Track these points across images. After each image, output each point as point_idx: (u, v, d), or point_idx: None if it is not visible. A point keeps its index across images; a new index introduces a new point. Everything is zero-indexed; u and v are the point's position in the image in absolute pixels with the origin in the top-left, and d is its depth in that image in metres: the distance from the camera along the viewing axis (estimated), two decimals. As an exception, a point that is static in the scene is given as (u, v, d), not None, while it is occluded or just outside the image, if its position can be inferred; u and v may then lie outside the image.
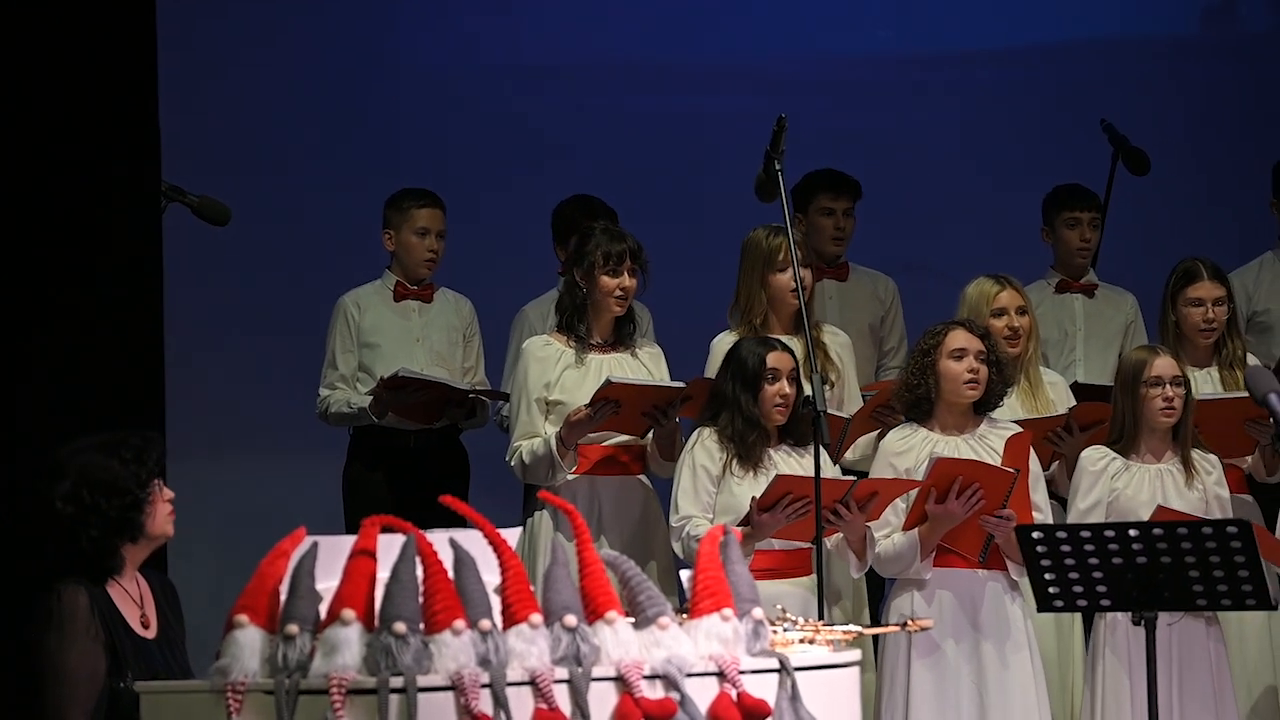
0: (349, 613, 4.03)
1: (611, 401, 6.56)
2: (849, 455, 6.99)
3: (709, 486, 6.44)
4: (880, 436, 6.87)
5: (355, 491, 7.57)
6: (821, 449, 6.13)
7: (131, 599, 4.84)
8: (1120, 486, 6.44)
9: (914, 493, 6.29)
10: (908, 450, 6.44)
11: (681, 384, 6.72)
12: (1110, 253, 7.96)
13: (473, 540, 4.21)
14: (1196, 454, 6.50)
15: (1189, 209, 8.79)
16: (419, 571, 4.10)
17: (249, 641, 4.06)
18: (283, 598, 4.10)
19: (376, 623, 4.06)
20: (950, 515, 6.25)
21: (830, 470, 6.37)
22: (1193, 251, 7.11)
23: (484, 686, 4.03)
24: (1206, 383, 6.92)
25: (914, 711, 6.34)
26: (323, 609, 4.10)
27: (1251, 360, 6.99)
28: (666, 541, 6.71)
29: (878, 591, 6.96)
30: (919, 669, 6.34)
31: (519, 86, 9.11)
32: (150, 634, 4.82)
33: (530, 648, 4.10)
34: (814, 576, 6.23)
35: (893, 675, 6.41)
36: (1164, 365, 6.44)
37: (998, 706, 6.32)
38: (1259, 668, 6.71)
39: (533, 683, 4.07)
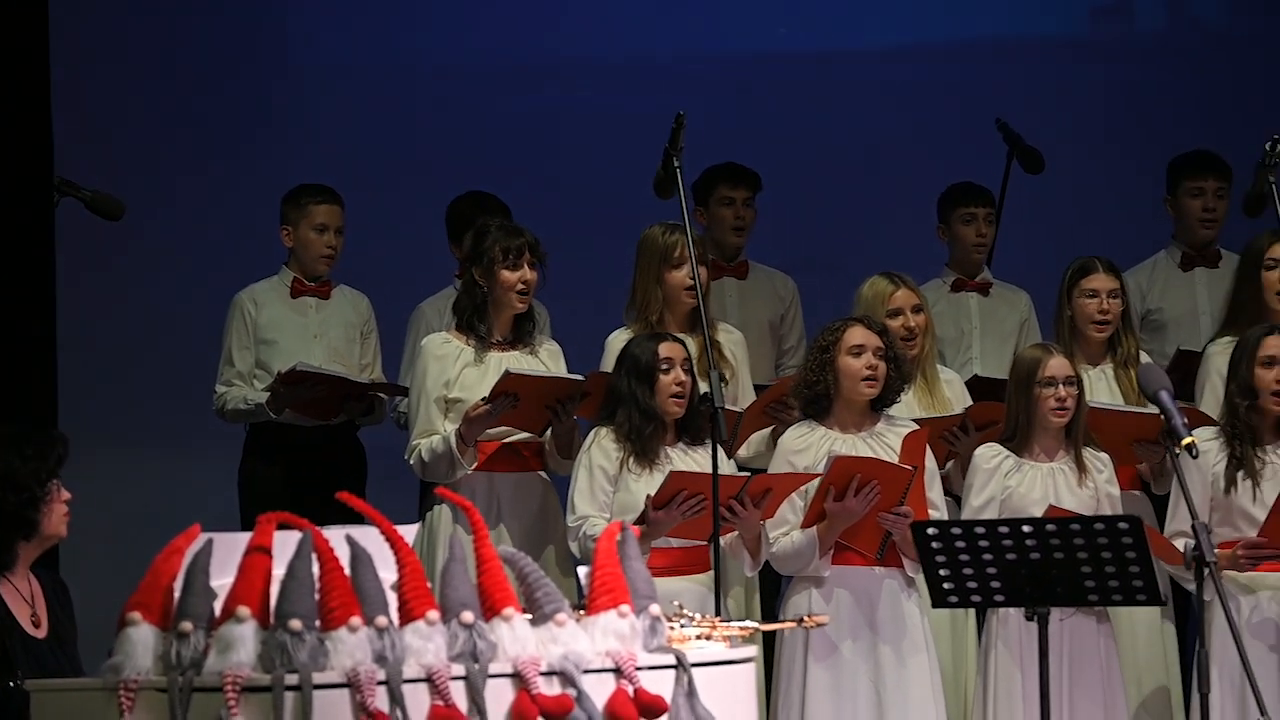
0: (244, 610, 4.01)
1: (510, 395, 6.55)
2: (743, 453, 7.01)
3: (606, 486, 6.44)
4: (774, 434, 6.89)
5: (251, 488, 7.53)
6: (718, 446, 6.15)
7: (22, 598, 4.79)
8: (1013, 484, 6.49)
9: (812, 491, 6.32)
10: (806, 448, 6.47)
11: (580, 377, 6.72)
12: (1004, 251, 8.02)
13: (370, 537, 4.19)
14: (1088, 452, 6.56)
15: (1083, 208, 8.86)
16: (315, 568, 4.08)
17: (142, 639, 4.03)
18: (177, 595, 4.07)
19: (272, 620, 4.04)
20: (848, 513, 6.28)
21: (726, 467, 6.39)
22: (1087, 250, 7.17)
23: (380, 684, 4.02)
24: (1100, 380, 6.99)
25: (810, 708, 6.36)
26: (217, 606, 4.07)
27: (1144, 358, 7.06)
28: (564, 535, 6.71)
29: (774, 589, 6.99)
30: (816, 666, 6.37)
31: (416, 83, 9.08)
32: (41, 633, 4.78)
33: (427, 644, 4.09)
34: (711, 573, 6.25)
35: (789, 672, 6.44)
36: (1057, 365, 6.49)
37: (895, 704, 6.35)
38: (1149, 662, 6.78)
39: (429, 680, 4.07)
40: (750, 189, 7.87)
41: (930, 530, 5.29)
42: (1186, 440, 5.26)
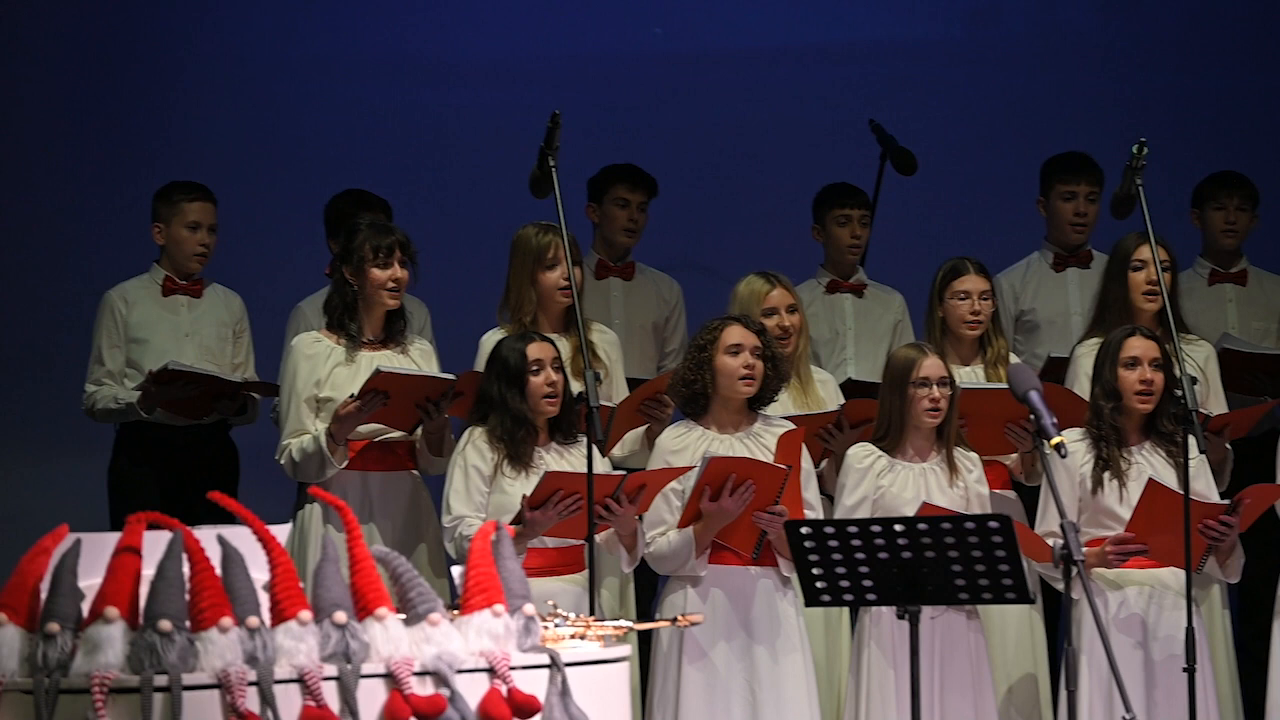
0: (112, 610, 3.98)
1: (380, 393, 6.53)
2: (617, 452, 7.02)
3: (481, 486, 6.43)
4: (649, 433, 6.90)
5: (121, 488, 7.46)
6: (593, 445, 6.15)
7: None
8: (885, 484, 6.54)
9: (689, 491, 6.33)
10: (683, 448, 6.48)
11: (451, 376, 6.70)
12: (878, 252, 8.08)
13: (242, 537, 4.17)
14: (959, 452, 6.61)
15: (956, 209, 8.94)
16: (186, 568, 4.05)
17: (8, 640, 3.99)
18: (43, 596, 4.03)
19: (141, 620, 4.00)
20: (724, 512, 6.30)
21: (601, 466, 6.39)
22: (960, 251, 7.24)
23: (251, 684, 4.00)
24: (971, 380, 7.04)
25: (684, 707, 6.38)
26: (85, 607, 4.03)
27: (1014, 358, 7.13)
28: (436, 533, 6.70)
29: (650, 588, 7.00)
30: (690, 665, 6.39)
31: (293, 79, 9.02)
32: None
33: (299, 645, 4.08)
34: (586, 573, 6.25)
35: (664, 671, 6.45)
36: (931, 366, 6.54)
37: (769, 702, 6.38)
38: (1018, 659, 6.85)
39: (301, 680, 4.05)
40: (647, 193, 7.91)
41: (804, 529, 5.31)
42: (1055, 440, 5.31)
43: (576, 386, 6.49)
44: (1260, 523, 6.52)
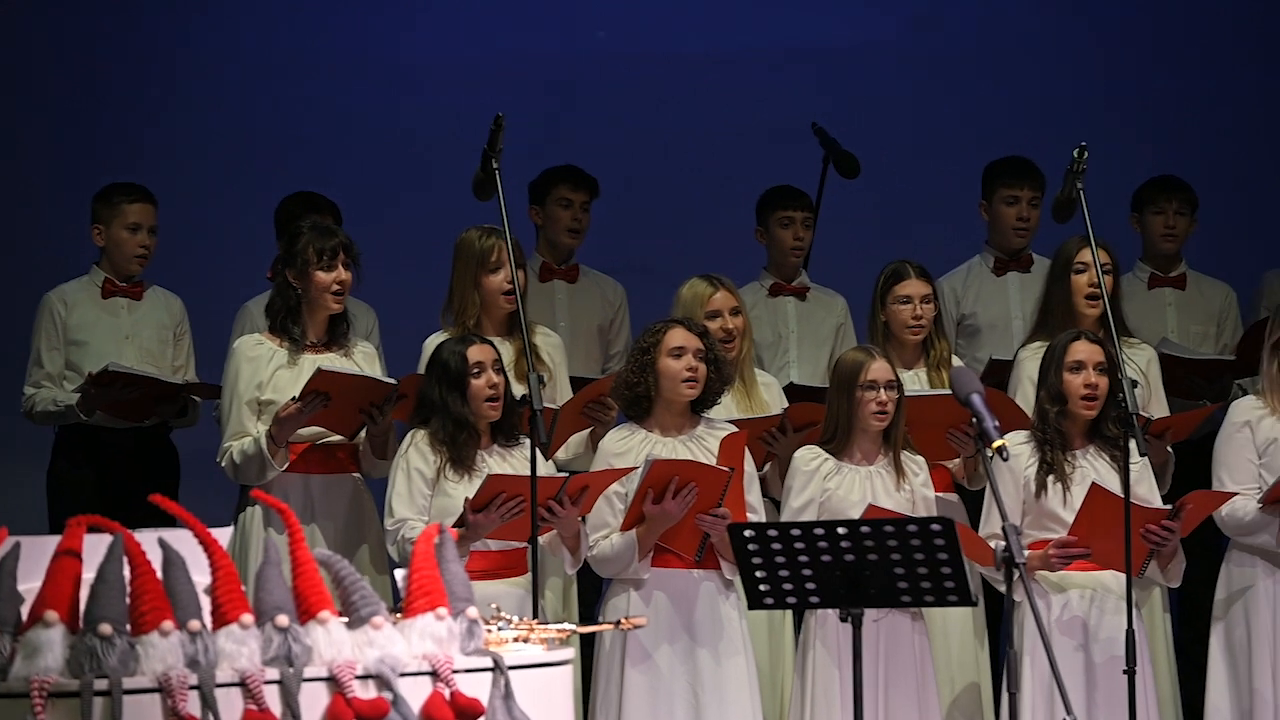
0: (51, 614, 3.95)
1: (321, 394, 6.51)
2: (561, 455, 7.02)
3: (424, 489, 6.41)
4: (593, 435, 6.90)
5: (60, 491, 7.42)
6: (536, 447, 6.15)
7: None
8: (832, 486, 6.55)
9: (632, 493, 6.33)
10: (626, 451, 6.49)
11: (393, 380, 6.69)
12: (820, 255, 8.09)
13: (183, 540, 4.15)
14: (905, 455, 6.63)
15: (899, 212, 8.96)
16: (126, 572, 4.03)
17: (-53, 644, 3.95)
18: (-18, 600, 4.00)
19: (81, 624, 3.98)
20: (667, 515, 6.30)
21: (544, 468, 6.39)
22: (902, 254, 7.25)
23: (192, 688, 3.98)
24: (914, 383, 7.06)
25: (627, 710, 6.38)
26: (25, 611, 4.00)
27: (956, 361, 7.16)
28: (379, 535, 6.68)
29: (594, 590, 7.00)
30: (633, 668, 6.39)
31: (237, 78, 8.99)
32: None
33: (241, 648, 4.06)
34: (529, 575, 6.25)
35: (607, 674, 6.46)
36: (879, 369, 6.56)
37: (712, 705, 6.39)
38: (961, 661, 6.87)
39: (243, 684, 4.03)
40: (589, 193, 7.91)
41: (746, 532, 5.31)
42: (997, 443, 5.33)
43: (520, 389, 6.48)
44: (1200, 528, 6.56)
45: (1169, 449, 7.00)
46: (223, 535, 4.21)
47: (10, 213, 8.62)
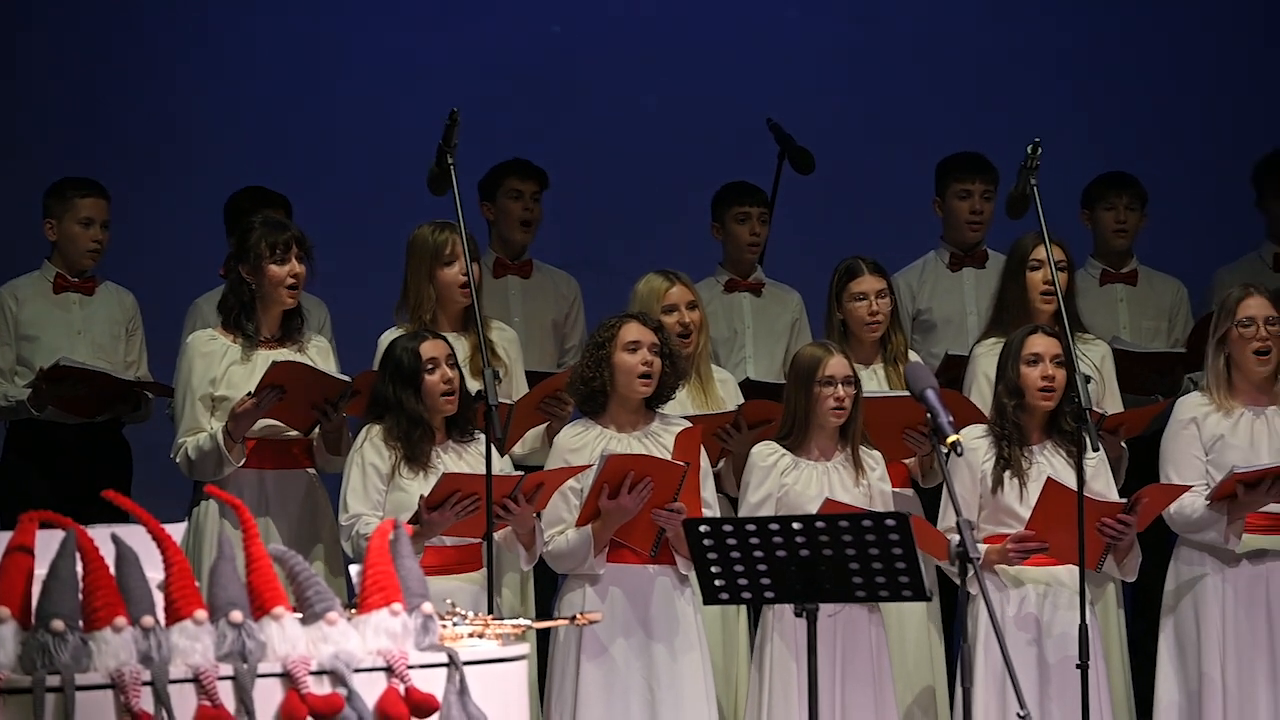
0: (3, 610, 3.94)
1: (277, 387, 6.49)
2: (517, 450, 7.01)
3: (379, 484, 6.40)
4: (549, 431, 6.89)
5: (11, 486, 7.39)
6: (491, 443, 6.14)
7: None
8: (789, 482, 6.56)
9: (588, 489, 6.33)
10: (582, 447, 6.48)
11: (347, 377, 6.67)
12: (776, 251, 8.10)
13: (136, 536, 4.13)
14: (862, 450, 6.64)
15: (854, 208, 8.97)
16: (79, 568, 4.01)
17: (-102, 641, 3.93)
18: (-66, 596, 3.98)
19: (33, 620, 3.96)
20: (622, 510, 6.30)
21: (499, 463, 6.38)
22: (857, 250, 7.26)
23: (145, 684, 3.96)
24: (871, 380, 7.07)
25: (582, 706, 6.38)
26: (-23, 607, 3.98)
27: (913, 356, 7.17)
28: (333, 531, 6.67)
29: (550, 586, 7.00)
30: (588, 663, 6.39)
31: (186, 73, 8.95)
32: None
33: (194, 644, 4.05)
34: (484, 571, 6.24)
35: (562, 670, 6.45)
36: (837, 365, 6.56)
37: (667, 701, 6.39)
38: (917, 656, 6.89)
39: (196, 680, 4.01)
40: (539, 184, 7.90)
41: (702, 528, 5.31)
42: (952, 438, 5.35)
43: (476, 385, 6.47)
44: (1154, 523, 6.58)
45: (1123, 444, 7.03)
46: (176, 531, 4.19)
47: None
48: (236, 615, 4.10)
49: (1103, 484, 6.55)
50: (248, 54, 9.00)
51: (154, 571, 4.12)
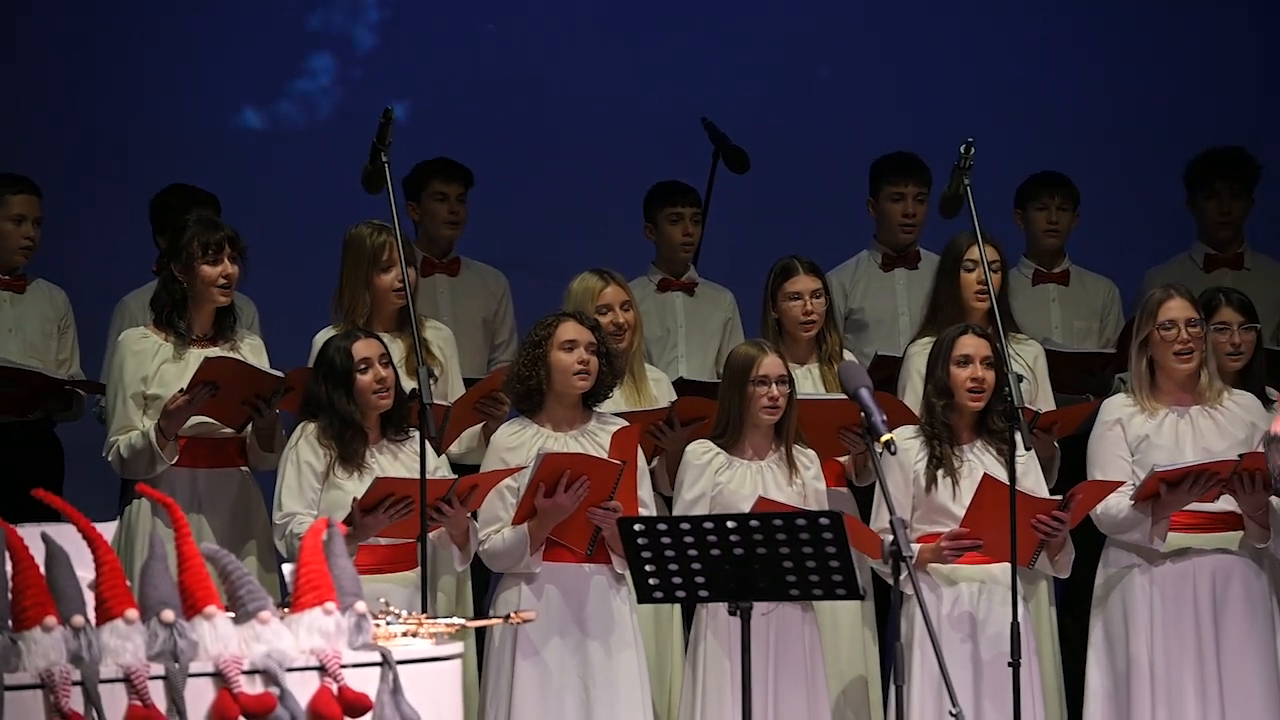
0: (-67, 610, 3.90)
1: (209, 383, 6.47)
2: (454, 449, 7.00)
3: (313, 483, 6.38)
4: (486, 430, 6.89)
5: (-58, 486, 7.34)
6: (427, 444, 6.13)
7: None
8: (723, 480, 6.57)
9: (524, 487, 6.33)
10: (518, 446, 6.48)
11: (280, 373, 6.65)
12: (709, 250, 8.11)
13: (67, 535, 4.12)
14: (796, 449, 6.66)
15: (788, 207, 8.99)
16: (8, 567, 3.99)
17: None
18: None
19: (-38, 620, 3.93)
20: (558, 509, 6.30)
21: (434, 461, 6.37)
22: (792, 249, 7.28)
23: (75, 684, 3.94)
24: (806, 379, 7.09)
25: (517, 704, 6.38)
26: (-95, 606, 3.95)
27: (848, 356, 7.19)
28: (266, 530, 6.64)
29: (483, 584, 6.99)
30: (523, 662, 6.38)
31: (124, 72, 8.90)
32: None
33: (125, 644, 4.03)
34: (419, 570, 6.23)
35: (498, 668, 6.45)
36: (771, 364, 6.58)
37: (602, 699, 6.40)
38: (850, 655, 6.91)
39: (127, 679, 4.00)
40: (464, 184, 7.88)
41: (636, 526, 5.32)
42: (885, 437, 5.37)
43: (412, 384, 6.46)
44: (1085, 520, 6.62)
45: (1055, 444, 7.07)
46: (107, 530, 4.18)
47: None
48: (168, 614, 4.09)
49: (1032, 481, 6.59)
50: (178, 47, 8.95)
51: (85, 571, 4.10)
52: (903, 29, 9.33)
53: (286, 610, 4.31)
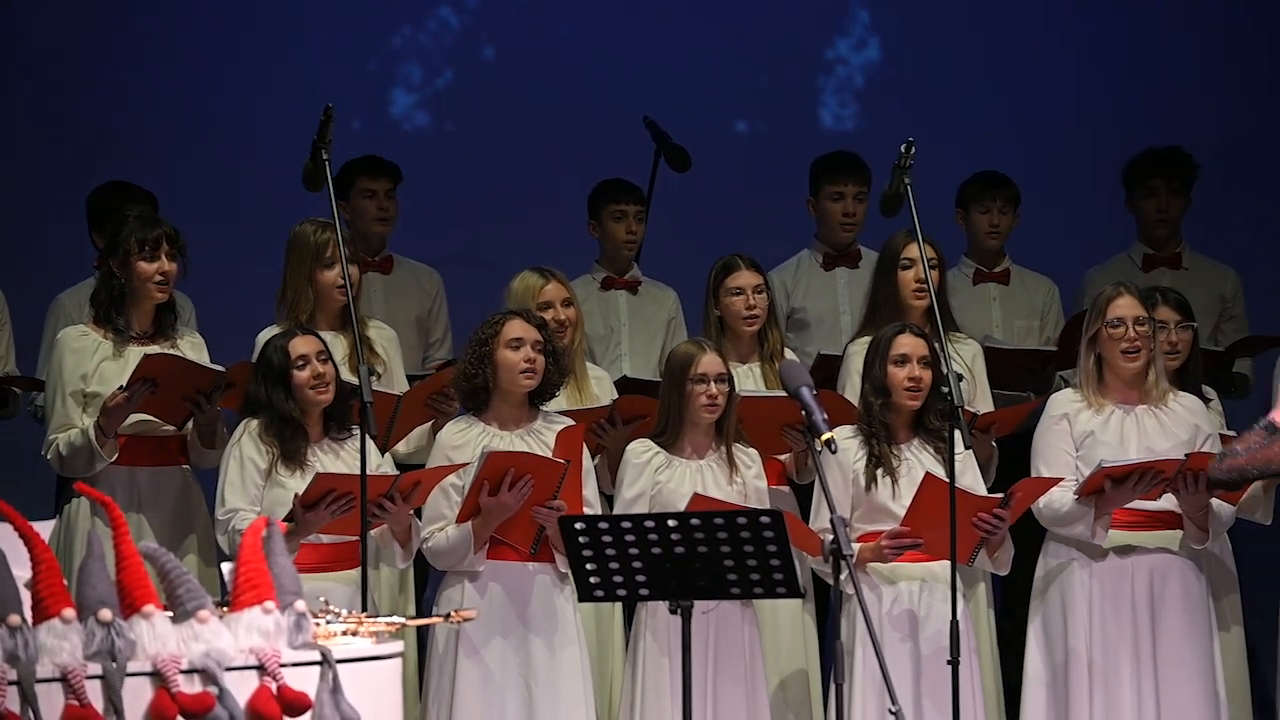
0: None
1: (149, 380, 6.44)
2: (402, 448, 6.99)
3: (256, 479, 6.37)
4: (434, 428, 6.88)
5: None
6: (369, 442, 6.12)
7: None
8: (663, 479, 6.58)
9: (469, 485, 6.32)
10: (464, 444, 6.47)
11: (221, 367, 6.63)
12: (652, 249, 8.12)
13: (3, 533, 4.10)
14: (737, 448, 6.67)
15: (730, 206, 9.00)
16: (-56, 566, 3.96)
17: None
18: None
19: (-103, 619, 3.91)
20: (502, 507, 6.30)
21: (375, 459, 6.35)
22: (734, 248, 7.29)
23: (12, 684, 3.92)
24: (748, 378, 7.10)
25: (459, 703, 6.37)
26: None
27: (789, 354, 7.21)
28: (206, 528, 6.62)
29: (423, 581, 6.99)
30: (465, 660, 6.38)
31: (61, 67, 8.85)
32: None
33: (62, 643, 4.01)
34: (360, 569, 6.22)
35: (440, 667, 6.44)
36: (710, 362, 6.59)
37: (545, 698, 6.40)
38: (790, 653, 6.93)
39: (64, 679, 3.98)
40: (391, 180, 7.85)
41: (577, 525, 5.33)
42: (826, 436, 5.38)
43: (353, 379, 6.45)
44: (1023, 518, 6.65)
45: (993, 443, 7.10)
46: (44, 528, 4.16)
47: None
48: (105, 613, 4.07)
49: (970, 480, 6.61)
50: (116, 41, 8.90)
51: (21, 570, 4.08)
52: (842, 29, 9.34)
53: (225, 609, 4.30)
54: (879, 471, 6.56)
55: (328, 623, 4.55)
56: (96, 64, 8.86)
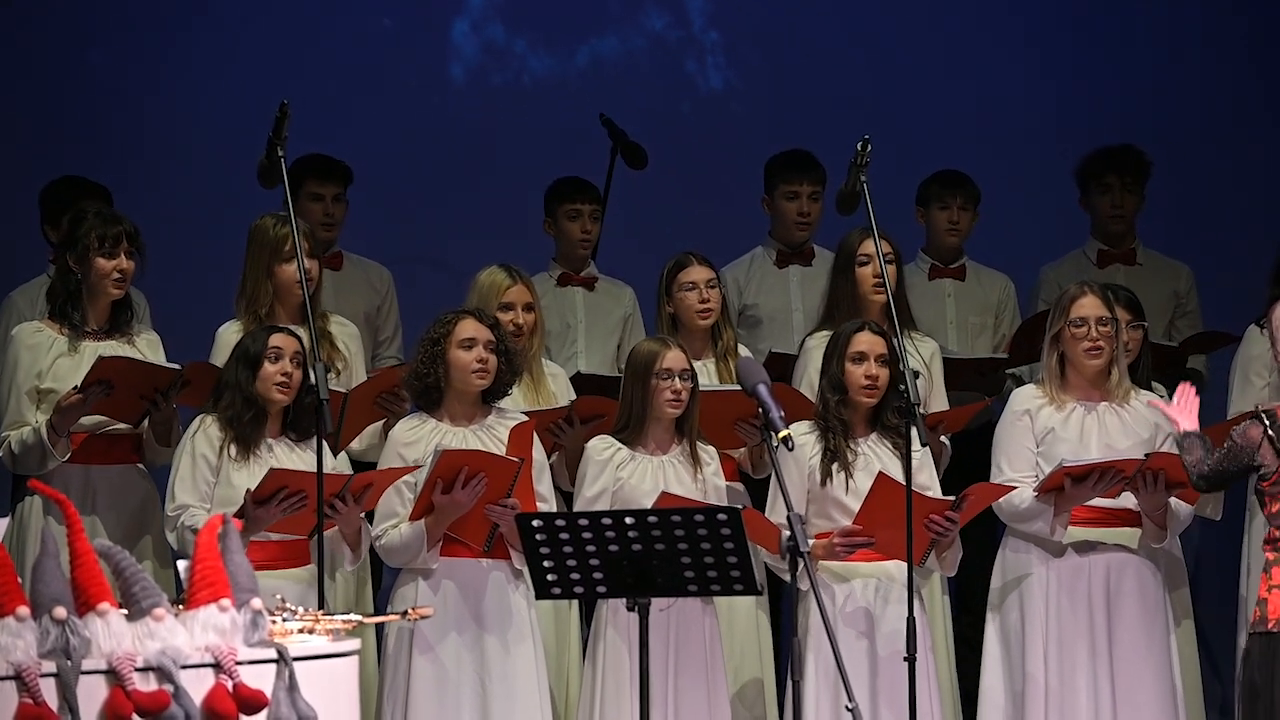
0: None
1: (104, 382, 6.42)
2: (355, 446, 6.97)
3: (208, 476, 6.35)
4: (386, 426, 6.87)
5: None
6: (324, 443, 6.11)
7: None
8: (625, 476, 6.58)
9: (422, 483, 6.32)
10: (416, 441, 6.47)
11: (178, 366, 6.61)
12: (608, 247, 8.12)
13: (-44, 532, 4.06)
14: (698, 445, 6.67)
15: (686, 204, 9.01)
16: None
17: None
18: None
19: None
20: (456, 505, 6.30)
21: (330, 458, 6.34)
22: (689, 246, 7.30)
23: (-34, 682, 3.90)
24: (702, 374, 7.10)
25: (414, 700, 6.36)
26: None
27: (743, 352, 7.22)
28: (162, 526, 6.59)
29: (378, 579, 6.97)
30: (420, 658, 6.37)
31: (14, 59, 8.80)
32: None
33: (16, 641, 4.00)
34: (314, 566, 6.20)
35: (395, 664, 6.44)
36: (675, 358, 6.60)
37: (500, 695, 6.40)
38: (746, 650, 6.94)
39: (18, 677, 3.96)
40: (341, 183, 7.80)
41: (534, 522, 5.32)
42: (783, 433, 5.39)
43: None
44: (977, 518, 6.68)
45: (944, 441, 7.12)
46: (-2, 526, 4.13)
47: None
48: (60, 611, 4.05)
49: (926, 477, 6.64)
50: (71, 32, 8.85)
51: (-25, 568, 4.05)
52: (799, 28, 9.35)
53: (181, 607, 4.29)
54: (834, 466, 6.57)
55: (284, 620, 4.54)
56: (43, 57, 8.81)
